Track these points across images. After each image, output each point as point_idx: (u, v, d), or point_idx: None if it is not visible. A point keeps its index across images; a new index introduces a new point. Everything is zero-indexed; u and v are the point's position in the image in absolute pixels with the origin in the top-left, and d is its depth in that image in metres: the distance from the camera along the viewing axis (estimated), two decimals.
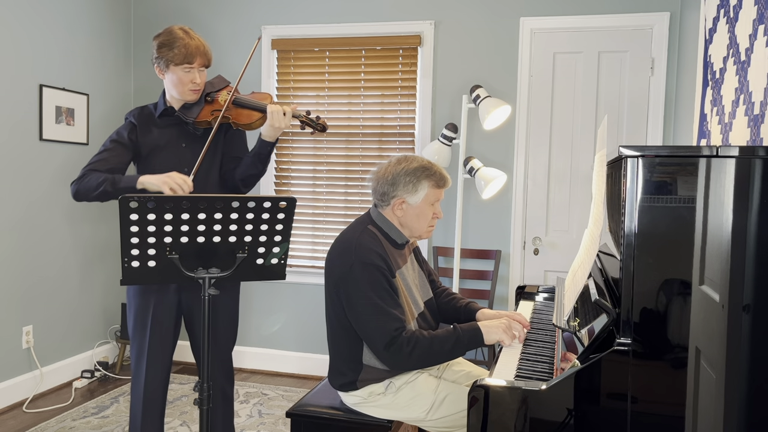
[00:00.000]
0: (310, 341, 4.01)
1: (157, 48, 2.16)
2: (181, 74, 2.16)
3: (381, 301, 1.85)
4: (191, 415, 3.27)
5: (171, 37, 2.15)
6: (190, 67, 2.16)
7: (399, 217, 2.02)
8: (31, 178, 3.46)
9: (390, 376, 1.98)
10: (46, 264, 3.58)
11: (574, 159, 3.57)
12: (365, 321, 1.86)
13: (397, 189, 1.97)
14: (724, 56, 2.34)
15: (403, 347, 1.83)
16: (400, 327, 1.85)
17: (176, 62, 2.14)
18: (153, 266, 1.72)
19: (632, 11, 3.43)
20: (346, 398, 2.04)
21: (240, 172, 2.25)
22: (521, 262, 3.65)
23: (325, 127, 2.27)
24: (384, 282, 1.88)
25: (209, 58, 2.22)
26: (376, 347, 1.86)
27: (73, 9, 3.72)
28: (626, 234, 1.37)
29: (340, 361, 2.01)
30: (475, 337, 1.89)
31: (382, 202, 2.02)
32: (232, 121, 2.22)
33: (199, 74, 2.19)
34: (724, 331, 1.30)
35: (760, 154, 1.28)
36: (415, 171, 1.97)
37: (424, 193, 1.98)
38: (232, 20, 4.03)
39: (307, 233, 4.00)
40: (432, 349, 1.85)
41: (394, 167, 1.99)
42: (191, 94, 2.20)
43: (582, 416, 1.40)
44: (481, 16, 3.66)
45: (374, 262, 1.88)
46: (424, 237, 2.07)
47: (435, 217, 2.04)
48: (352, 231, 2.00)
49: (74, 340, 3.81)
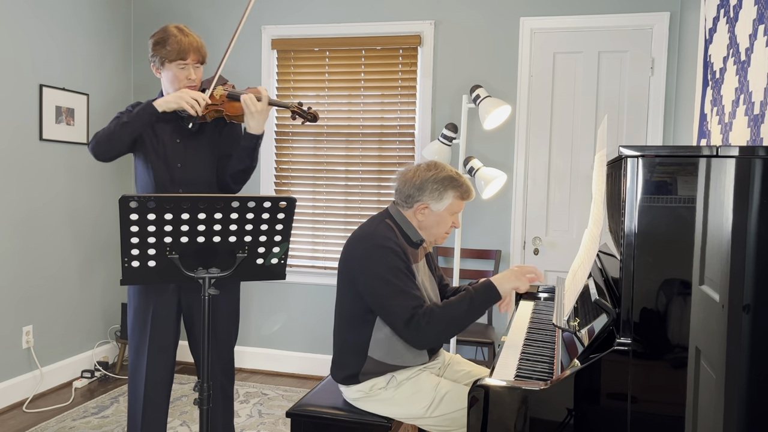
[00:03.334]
0: (310, 341, 4.01)
1: (152, 46, 2.18)
2: (175, 71, 2.17)
3: (397, 280, 1.91)
4: (191, 415, 3.27)
5: (165, 34, 2.16)
6: (184, 63, 2.17)
7: (419, 221, 2.07)
8: (31, 178, 3.46)
9: (392, 370, 2.00)
10: (46, 264, 3.58)
11: (574, 159, 3.57)
12: (385, 302, 1.90)
13: (423, 194, 2.03)
14: (724, 56, 2.34)
15: (421, 321, 1.87)
16: (418, 305, 1.89)
17: (170, 59, 2.15)
18: (153, 266, 1.72)
19: (632, 11, 3.43)
20: (348, 393, 2.05)
21: (229, 167, 2.26)
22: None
23: (316, 117, 2.31)
24: (401, 264, 1.94)
25: (204, 54, 2.22)
26: (398, 327, 1.90)
27: (73, 9, 3.72)
28: (626, 234, 1.37)
29: (345, 353, 2.04)
30: (489, 291, 1.91)
31: (405, 203, 2.07)
32: (225, 114, 2.23)
33: (195, 70, 2.20)
34: (724, 331, 1.30)
35: (760, 154, 1.28)
36: (443, 180, 2.03)
37: (448, 203, 2.04)
38: (232, 20, 4.03)
39: (307, 233, 4.00)
40: (448, 314, 1.88)
41: (423, 173, 2.04)
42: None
43: (582, 416, 1.40)
44: (481, 16, 3.66)
45: (391, 246, 1.94)
46: (438, 243, 2.14)
47: (453, 226, 2.10)
48: (369, 223, 2.06)
49: (74, 340, 3.81)
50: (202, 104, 2.11)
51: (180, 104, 2.10)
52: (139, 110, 2.11)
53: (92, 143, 2.15)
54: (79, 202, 3.80)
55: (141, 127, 2.13)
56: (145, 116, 2.11)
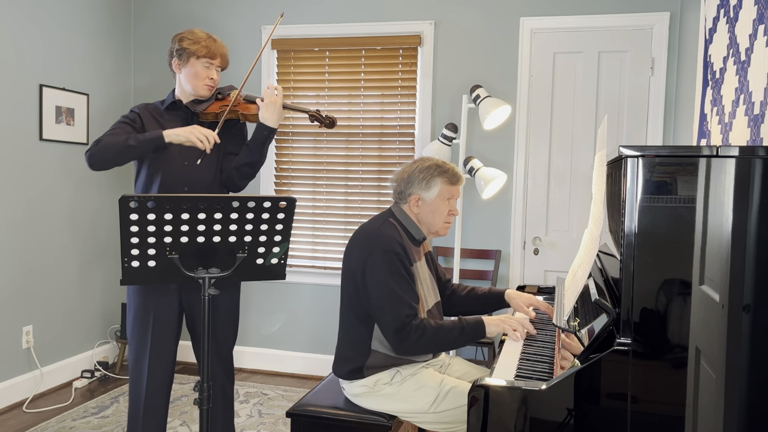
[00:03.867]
0: (310, 341, 4.01)
1: (180, 41, 2.24)
2: (200, 68, 2.24)
3: (397, 286, 1.94)
4: (191, 415, 3.27)
5: (196, 36, 2.25)
6: (210, 62, 2.25)
7: (416, 214, 2.11)
8: (31, 178, 3.46)
9: (397, 365, 2.02)
10: (46, 264, 3.58)
11: (574, 159, 3.57)
12: (379, 305, 1.94)
13: (412, 186, 2.09)
14: (724, 56, 2.34)
15: (411, 334, 1.91)
16: (411, 314, 1.93)
17: (200, 55, 2.22)
18: (153, 266, 1.72)
19: (632, 11, 3.43)
20: (350, 388, 2.06)
21: (236, 160, 2.27)
22: (521, 262, 3.65)
23: (334, 122, 2.35)
24: (402, 269, 1.97)
25: (227, 61, 2.32)
26: (387, 331, 1.94)
27: (73, 9, 3.72)
28: (626, 234, 1.37)
29: (348, 347, 2.05)
30: (478, 329, 1.98)
31: (400, 200, 2.13)
32: (241, 113, 2.28)
33: (216, 73, 2.28)
34: (724, 331, 1.30)
35: (760, 154, 1.28)
36: (428, 168, 2.09)
37: (438, 190, 2.08)
38: (232, 20, 4.03)
39: (307, 233, 4.00)
40: (437, 338, 1.94)
41: (410, 167, 2.13)
42: (205, 89, 2.27)
43: (582, 416, 1.40)
44: (481, 16, 3.66)
45: (394, 248, 1.97)
46: (441, 234, 2.16)
47: (451, 213, 2.13)
48: (373, 222, 2.09)
49: (74, 340, 3.81)
50: (211, 141, 2.15)
51: (190, 139, 2.13)
52: (149, 138, 2.13)
53: (91, 154, 2.13)
54: (79, 201, 3.80)
55: (146, 153, 2.17)
56: (153, 145, 2.14)
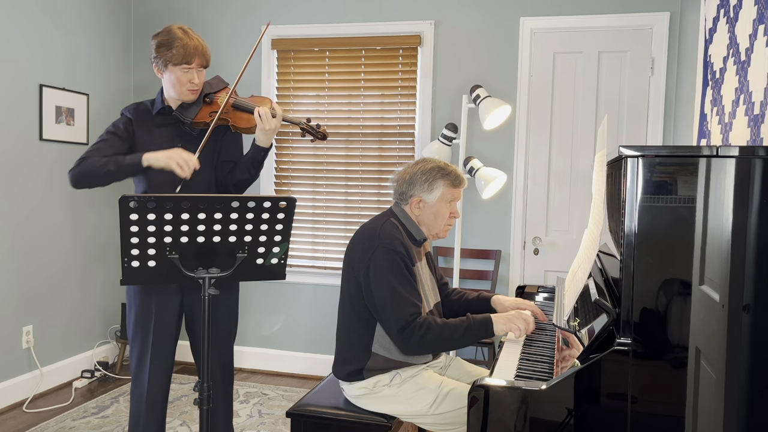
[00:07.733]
0: (310, 341, 4.01)
1: (156, 47, 2.15)
2: (179, 74, 2.14)
3: (400, 286, 1.93)
4: (191, 415, 3.27)
5: (170, 36, 2.13)
6: (188, 67, 2.14)
7: (417, 216, 2.10)
8: (31, 178, 3.46)
9: (397, 367, 2.01)
10: (46, 264, 3.58)
11: (574, 159, 3.57)
12: (383, 305, 1.93)
13: (414, 188, 2.08)
14: (724, 56, 2.34)
15: (415, 332, 1.89)
16: (415, 312, 1.92)
17: (174, 62, 2.12)
18: (153, 266, 1.72)
19: (632, 11, 3.43)
20: (350, 390, 2.05)
21: (234, 176, 2.26)
22: (521, 262, 3.65)
23: (326, 135, 2.31)
24: (404, 268, 1.96)
25: (208, 58, 2.21)
26: (391, 331, 1.93)
27: (73, 9, 3.72)
28: (626, 234, 1.37)
29: (349, 349, 2.04)
30: (485, 326, 1.95)
31: (401, 201, 2.12)
32: (231, 123, 2.22)
33: (198, 74, 2.18)
34: (724, 331, 1.30)
35: (760, 154, 1.28)
36: (431, 171, 2.07)
37: (440, 192, 2.07)
38: (232, 20, 4.03)
39: (307, 233, 4.00)
40: (443, 336, 1.91)
41: (412, 168, 2.11)
42: (189, 94, 2.19)
43: (582, 416, 1.40)
44: (481, 16, 3.66)
45: (396, 248, 1.96)
46: (442, 236, 2.15)
47: (452, 216, 2.12)
48: (375, 222, 2.08)
49: (74, 340, 3.81)
50: (191, 166, 2.07)
51: (169, 164, 2.05)
52: (128, 164, 2.10)
53: (73, 175, 2.11)
54: (79, 201, 3.80)
55: (126, 177, 2.14)
56: (132, 170, 2.11)
